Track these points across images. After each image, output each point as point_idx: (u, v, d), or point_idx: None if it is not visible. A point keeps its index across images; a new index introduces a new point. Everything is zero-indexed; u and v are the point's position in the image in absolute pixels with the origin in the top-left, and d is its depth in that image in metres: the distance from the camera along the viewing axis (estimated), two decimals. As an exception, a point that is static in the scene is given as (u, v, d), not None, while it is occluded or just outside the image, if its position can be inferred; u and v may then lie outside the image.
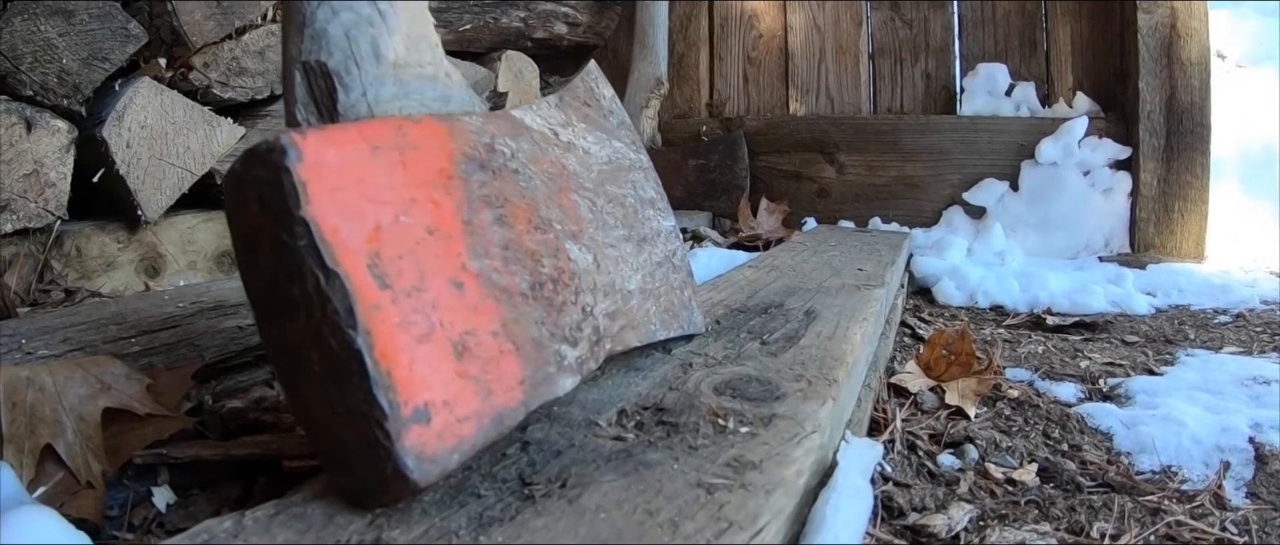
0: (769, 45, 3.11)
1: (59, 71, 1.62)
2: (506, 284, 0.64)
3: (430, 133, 0.64)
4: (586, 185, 0.84)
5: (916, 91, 2.87)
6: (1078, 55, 2.65)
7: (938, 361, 1.37)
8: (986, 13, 2.76)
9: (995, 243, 2.30)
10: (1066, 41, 2.66)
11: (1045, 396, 1.27)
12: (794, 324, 1.09)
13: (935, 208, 2.68)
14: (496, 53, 2.83)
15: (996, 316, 1.85)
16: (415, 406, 0.53)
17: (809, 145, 2.91)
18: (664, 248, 0.97)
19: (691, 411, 0.70)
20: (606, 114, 0.98)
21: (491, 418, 0.58)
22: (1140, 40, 2.38)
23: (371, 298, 0.53)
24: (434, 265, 0.58)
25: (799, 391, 0.76)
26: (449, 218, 0.61)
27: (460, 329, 0.58)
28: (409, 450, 0.51)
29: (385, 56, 0.67)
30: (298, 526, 0.51)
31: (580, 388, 0.78)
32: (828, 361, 0.89)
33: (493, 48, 2.84)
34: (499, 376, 0.59)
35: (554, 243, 0.72)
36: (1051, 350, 1.55)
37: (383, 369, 0.51)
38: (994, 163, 2.60)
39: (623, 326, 0.79)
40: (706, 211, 2.92)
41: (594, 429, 0.67)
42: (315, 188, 0.53)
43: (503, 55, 2.82)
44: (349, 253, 0.53)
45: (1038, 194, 2.46)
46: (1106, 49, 2.60)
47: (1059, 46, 2.67)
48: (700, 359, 0.89)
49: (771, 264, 1.70)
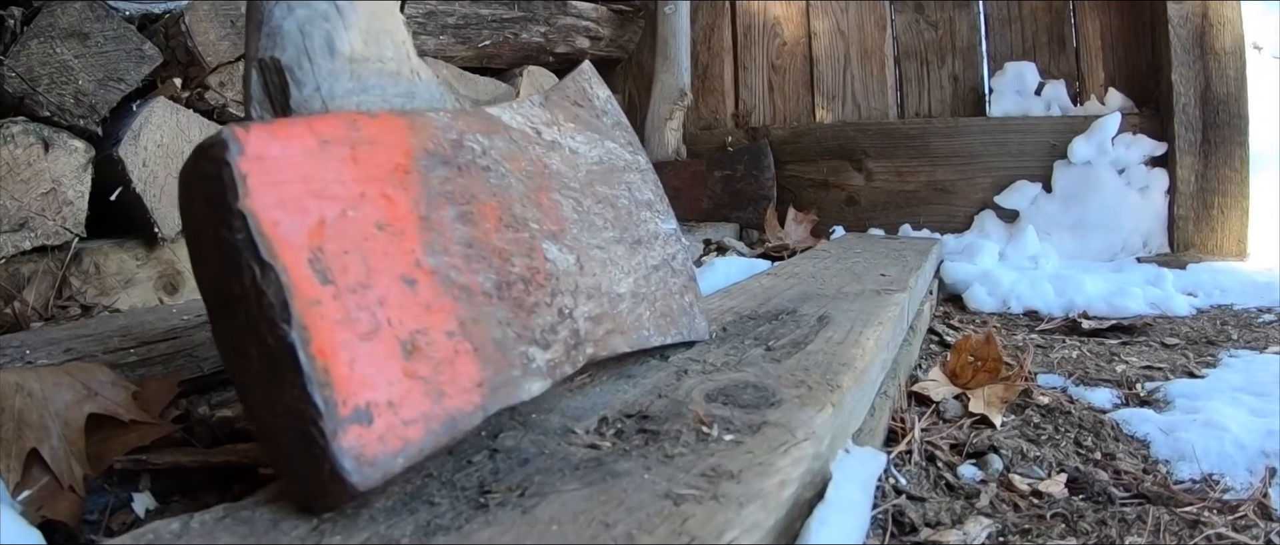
0: (793, 52, 3.06)
1: (75, 92, 1.64)
2: (467, 282, 0.61)
3: (388, 128, 0.61)
4: (571, 185, 0.80)
5: (944, 94, 2.80)
6: (1108, 50, 2.56)
7: (964, 368, 1.30)
8: (1013, 11, 2.69)
9: (1028, 246, 2.22)
10: (1096, 36, 2.57)
11: (1078, 403, 1.20)
12: (804, 329, 1.04)
13: (967, 212, 2.60)
14: (518, 69, 2.82)
15: (1030, 322, 1.77)
16: (355, 406, 0.50)
17: (836, 153, 2.85)
18: (662, 251, 0.93)
19: (676, 419, 0.66)
20: (599, 114, 0.95)
21: (442, 421, 0.54)
22: (1171, 31, 2.29)
23: (311, 293, 0.51)
24: (383, 261, 0.56)
25: (796, 398, 0.71)
26: (403, 213, 0.59)
27: (411, 327, 0.55)
28: (347, 451, 0.49)
29: (340, 51, 0.65)
30: (241, 530, 0.50)
31: (564, 394, 0.75)
32: (834, 366, 0.84)
33: (514, 63, 2.83)
34: (453, 378, 0.56)
35: (528, 242, 0.69)
36: (1086, 355, 1.47)
37: (319, 366, 0.49)
38: (1025, 164, 2.52)
39: (609, 331, 0.75)
40: (733, 223, 2.87)
41: (569, 437, 0.63)
42: (255, 181, 0.52)
43: (524, 71, 2.81)
44: (288, 247, 0.51)
45: (1072, 195, 2.37)
46: (1138, 42, 2.51)
47: (1089, 42, 2.59)
48: (698, 366, 0.84)
49: (791, 271, 1.65)
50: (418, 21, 2.34)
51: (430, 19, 2.38)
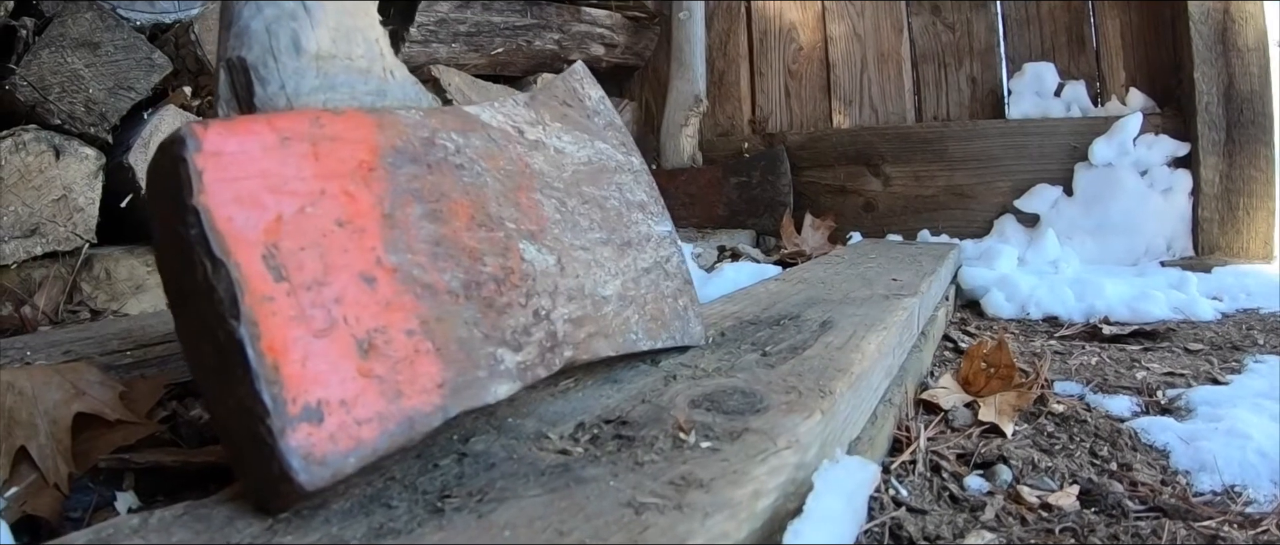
0: (809, 57, 3.03)
1: (86, 101, 1.65)
2: (431, 281, 0.59)
3: (353, 125, 0.60)
4: (555, 185, 0.78)
5: (962, 97, 2.75)
6: (1129, 49, 2.50)
7: (976, 375, 1.26)
8: (1031, 11, 2.63)
9: (1049, 251, 2.17)
10: (1116, 35, 2.51)
11: (1095, 411, 1.16)
12: (804, 335, 1.01)
13: (986, 217, 2.55)
14: (533, 76, 2.81)
15: (1049, 327, 1.73)
16: (306, 404, 0.49)
17: (853, 158, 2.81)
18: (654, 254, 0.90)
19: (655, 425, 0.63)
20: (590, 114, 0.93)
21: (399, 421, 0.53)
22: (1193, 28, 2.23)
23: (263, 289, 0.50)
24: (341, 258, 0.55)
25: (784, 404, 0.68)
26: (365, 210, 0.58)
27: (368, 325, 0.54)
28: (295, 450, 0.48)
29: (306, 49, 0.64)
30: (197, 527, 0.49)
31: (545, 398, 0.72)
32: (829, 372, 0.81)
33: (528, 71, 2.83)
34: (412, 378, 0.55)
35: (503, 241, 0.67)
36: (1106, 361, 1.42)
37: (269, 363, 0.48)
38: (1045, 167, 2.46)
39: (591, 334, 0.73)
40: (750, 230, 2.84)
41: (542, 442, 0.61)
42: (211, 177, 0.51)
43: (538, 78, 2.80)
44: (242, 243, 0.51)
45: (1093, 198, 2.31)
46: (1159, 40, 2.45)
47: (1108, 41, 2.53)
48: (688, 371, 0.82)
49: (800, 277, 1.62)
50: (429, 29, 2.34)
51: (442, 26, 2.38)
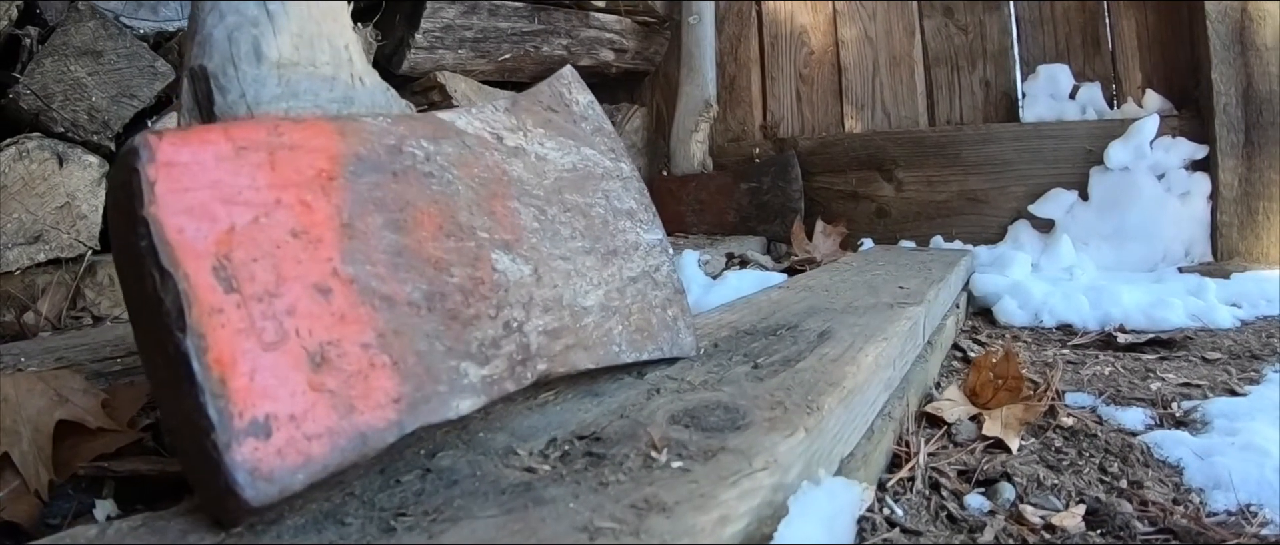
0: (821, 61, 2.99)
1: (89, 109, 1.65)
2: (390, 292, 0.57)
3: (313, 132, 0.59)
4: (534, 193, 0.76)
5: (975, 100, 2.71)
6: (1145, 50, 2.45)
7: (984, 387, 1.23)
8: (1045, 11, 2.58)
9: (1064, 257, 2.11)
10: (1132, 36, 2.46)
11: (1107, 424, 1.12)
12: (800, 346, 0.98)
13: (1000, 222, 2.50)
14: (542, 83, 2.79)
15: (1062, 336, 1.68)
16: (253, 418, 0.48)
17: (865, 163, 2.77)
18: (642, 263, 0.88)
19: (629, 442, 0.61)
20: (577, 120, 0.91)
21: (351, 437, 0.52)
22: (1210, 28, 2.18)
23: (212, 301, 0.49)
24: (295, 270, 0.54)
25: (767, 421, 0.65)
26: (322, 220, 0.56)
27: (321, 338, 0.53)
28: (241, 465, 0.47)
29: (267, 56, 0.62)
30: (152, 539, 0.49)
31: (521, 412, 0.70)
32: (819, 386, 0.78)
33: (537, 77, 2.80)
34: (366, 392, 0.53)
35: (473, 252, 0.64)
36: (1120, 371, 1.38)
37: (215, 376, 0.48)
38: (1060, 171, 2.41)
39: (569, 346, 0.71)
40: (760, 236, 2.80)
41: (509, 458, 0.59)
42: (163, 187, 0.51)
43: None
44: (192, 254, 0.50)
45: (1109, 202, 2.25)
46: (1175, 41, 2.39)
47: (1124, 42, 2.47)
48: (674, 384, 0.79)
49: (805, 284, 1.58)
50: (434, 35, 2.33)
51: (447, 32, 2.37)
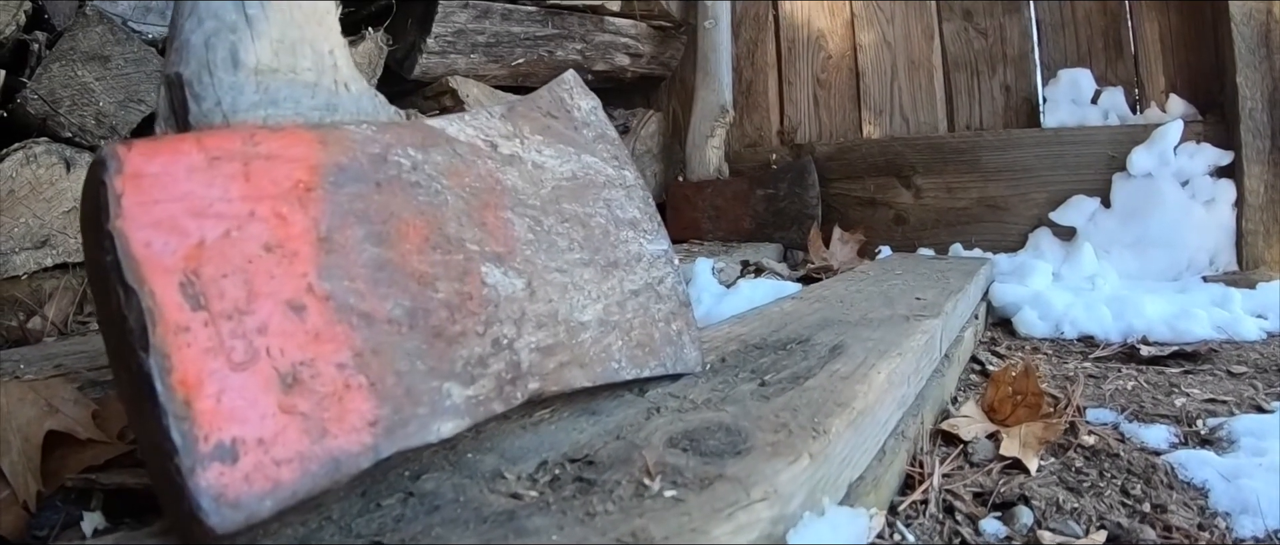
0: (838, 66, 2.95)
1: (96, 114, 1.64)
2: (369, 309, 0.55)
3: (292, 142, 0.56)
4: (530, 202, 0.73)
5: (996, 105, 2.66)
6: (1168, 54, 2.39)
7: (1003, 402, 1.19)
8: (1066, 14, 2.53)
9: (1086, 266, 2.06)
10: (1155, 40, 2.40)
11: (1129, 442, 1.08)
12: (810, 361, 0.95)
13: (1021, 230, 2.44)
14: (556, 87, 2.77)
15: (1084, 348, 1.64)
16: (218, 441, 0.46)
17: (883, 169, 2.73)
18: (645, 275, 0.85)
19: (622, 467, 0.58)
20: (578, 126, 0.88)
21: (323, 462, 0.49)
22: (1235, 30, 2.12)
23: (178, 319, 0.47)
24: (268, 285, 0.51)
25: (769, 445, 0.62)
26: (298, 233, 0.54)
27: (294, 358, 0.51)
28: (205, 491, 0.45)
29: (244, 63, 0.60)
30: None
31: (515, 431, 0.67)
32: (827, 407, 0.74)
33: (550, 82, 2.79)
34: (340, 414, 0.51)
35: (462, 265, 0.62)
36: (1143, 386, 1.34)
37: (179, 397, 0.46)
38: (1082, 178, 2.35)
39: (564, 363, 0.68)
40: (777, 243, 2.76)
41: (496, 483, 0.56)
42: (130, 200, 0.49)
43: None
44: (158, 269, 0.48)
45: (1132, 209, 2.20)
46: (1199, 44, 2.34)
47: (1147, 46, 2.42)
48: (675, 402, 0.76)
49: (819, 294, 1.55)
50: (446, 40, 2.31)
51: (460, 37, 2.35)
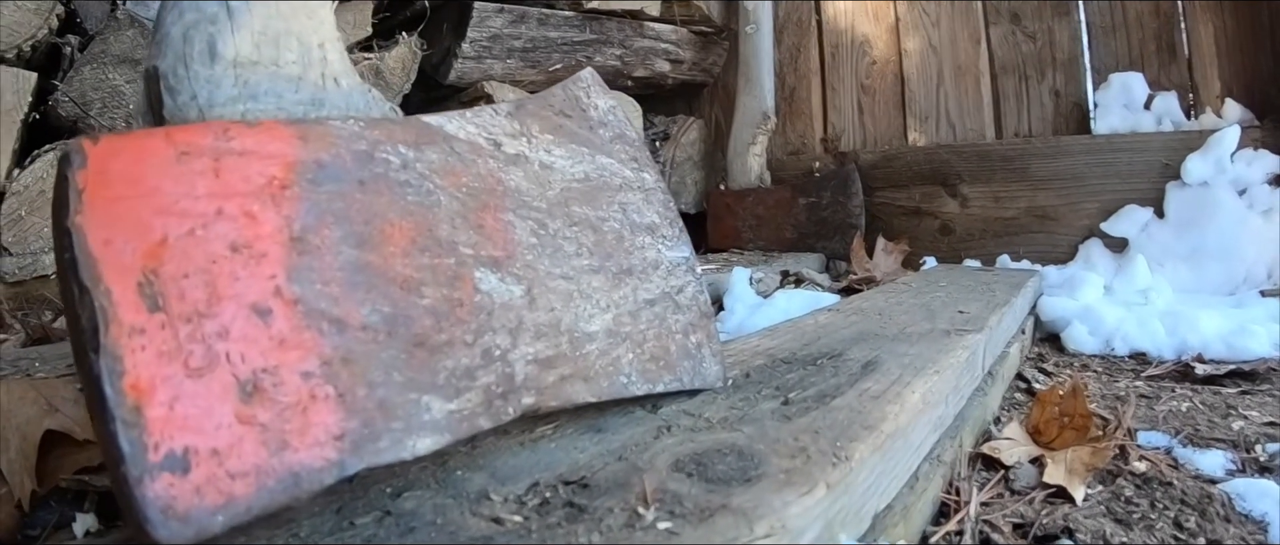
0: (883, 72, 2.88)
1: (126, 116, 1.65)
2: (342, 315, 0.52)
3: (268, 138, 0.54)
4: (535, 205, 0.69)
5: (1045, 111, 2.56)
6: (1223, 57, 2.28)
7: (1048, 424, 1.12)
8: (1117, 16, 2.43)
9: (1138, 279, 1.96)
10: (1210, 42, 2.29)
11: (1183, 469, 1.00)
12: (840, 378, 0.89)
13: (1071, 241, 2.35)
14: (594, 92, 2.74)
15: (1136, 366, 1.55)
16: (170, 451, 0.44)
17: (929, 177, 2.65)
18: (663, 283, 0.80)
19: (619, 492, 0.53)
20: (594, 126, 0.84)
21: (280, 477, 0.46)
22: (1292, 32, 2.02)
23: (133, 320, 0.45)
24: (231, 287, 0.49)
25: (783, 472, 0.57)
26: (268, 233, 0.51)
27: (256, 365, 0.48)
28: (153, 502, 0.42)
29: (222, 56, 0.58)
30: None
31: (512, 448, 0.63)
32: (852, 429, 0.69)
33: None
34: (302, 427, 0.48)
35: (452, 270, 0.58)
36: (1198, 407, 1.25)
37: (129, 403, 0.43)
38: (1135, 186, 2.25)
39: (565, 376, 0.64)
40: (819, 253, 2.69)
41: (481, 504, 0.52)
42: (92, 196, 0.47)
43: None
44: (116, 268, 0.46)
45: (1186, 220, 2.10)
46: (1256, 47, 2.23)
47: (1202, 48, 2.31)
48: (689, 420, 0.71)
49: (857, 307, 1.49)
50: (482, 45, 2.30)
51: (495, 42, 2.33)
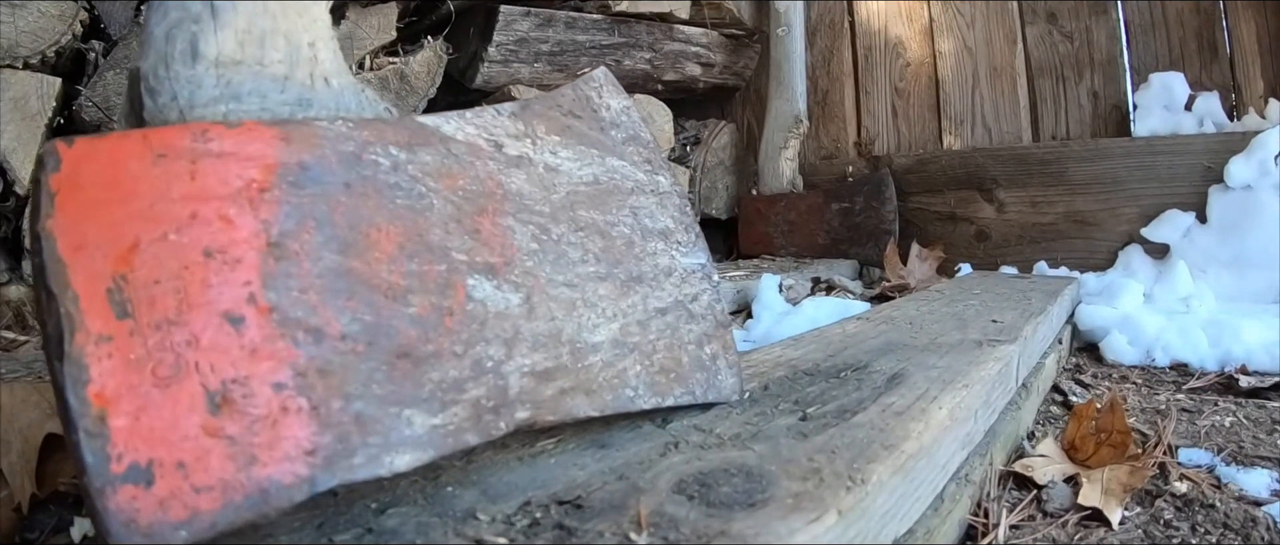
0: (917, 74, 2.82)
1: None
2: (320, 324, 0.50)
3: (248, 139, 0.53)
4: (537, 209, 0.67)
5: (1083, 113, 2.49)
6: (1267, 54, 2.20)
7: (1084, 441, 1.07)
8: (1156, 15, 2.35)
9: (1180, 286, 1.89)
10: (1252, 40, 2.21)
11: (1226, 489, 0.95)
12: (863, 393, 0.86)
13: (1110, 247, 2.27)
14: (623, 96, 2.72)
15: (1177, 377, 1.49)
16: (133, 462, 0.43)
17: (964, 182, 2.58)
18: (676, 291, 0.78)
19: (613, 514, 0.50)
20: (606, 127, 0.82)
21: (248, 493, 0.45)
22: (1338, 28, 1.93)
23: (100, 328, 0.44)
24: (203, 294, 0.48)
25: (792, 497, 0.54)
26: (244, 238, 0.50)
27: (226, 375, 0.47)
28: (114, 514, 0.42)
29: (204, 55, 0.57)
30: None
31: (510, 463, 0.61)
32: (872, 449, 0.66)
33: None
34: (273, 441, 0.47)
35: (443, 277, 0.56)
36: (1242, 422, 1.19)
37: (93, 412, 0.43)
38: (1176, 190, 2.18)
39: (565, 389, 0.61)
40: (852, 260, 2.64)
41: (466, 524, 0.50)
42: (65, 199, 0.47)
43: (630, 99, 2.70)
44: (86, 274, 0.45)
45: (1230, 225, 2.02)
46: (1300, 45, 2.15)
47: (1244, 47, 2.23)
48: (699, 437, 0.68)
49: (886, 316, 1.44)
50: (509, 48, 2.28)
51: (522, 46, 2.32)
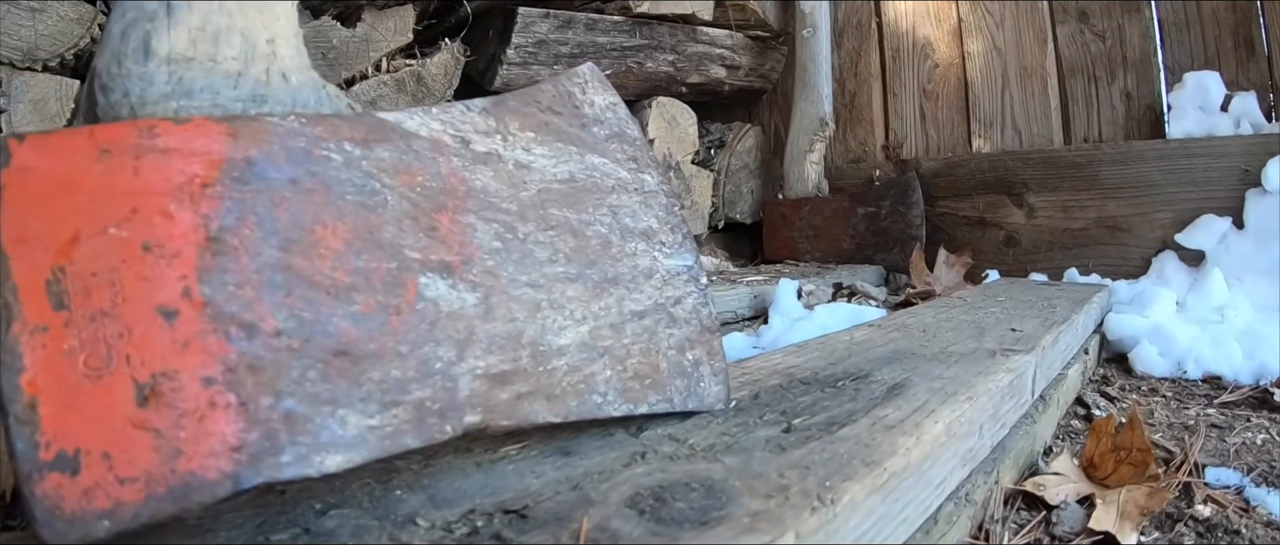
0: (946, 76, 2.76)
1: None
2: (254, 319, 0.50)
3: (195, 135, 0.53)
4: (503, 206, 0.64)
5: (1115, 115, 2.41)
6: (1306, 52, 2.11)
7: (1103, 458, 1.01)
8: (1191, 12, 2.27)
9: (1214, 295, 1.81)
10: (1290, 36, 2.12)
11: (1254, 513, 0.89)
12: (858, 403, 0.82)
13: (1143, 254, 2.19)
14: (647, 100, 2.70)
15: (1209, 390, 1.42)
16: (61, 451, 0.44)
17: (993, 186, 2.52)
18: (656, 294, 0.75)
19: (556, 526, 0.48)
20: (588, 124, 0.79)
21: (171, 487, 0.45)
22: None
23: (38, 317, 0.46)
24: (138, 288, 0.49)
25: (749, 515, 0.51)
26: (181, 233, 0.51)
27: (156, 368, 0.47)
28: (40, 500, 0.43)
29: (155, 52, 0.58)
30: None
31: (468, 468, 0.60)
32: (852, 465, 0.62)
33: (642, 94, 2.72)
34: (198, 436, 0.47)
35: (392, 275, 0.55)
36: (1275, 440, 1.13)
37: (25, 399, 0.45)
38: (1212, 194, 2.09)
39: (522, 394, 0.59)
40: (877, 265, 2.59)
41: (403, 530, 0.49)
42: (12, 193, 0.48)
43: (653, 101, 2.68)
44: (27, 265, 0.47)
45: (1268, 231, 1.92)
46: (1340, 42, 2.05)
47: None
48: (671, 447, 0.65)
49: (900, 323, 1.40)
50: (527, 51, 2.27)
51: (541, 48, 2.31)
